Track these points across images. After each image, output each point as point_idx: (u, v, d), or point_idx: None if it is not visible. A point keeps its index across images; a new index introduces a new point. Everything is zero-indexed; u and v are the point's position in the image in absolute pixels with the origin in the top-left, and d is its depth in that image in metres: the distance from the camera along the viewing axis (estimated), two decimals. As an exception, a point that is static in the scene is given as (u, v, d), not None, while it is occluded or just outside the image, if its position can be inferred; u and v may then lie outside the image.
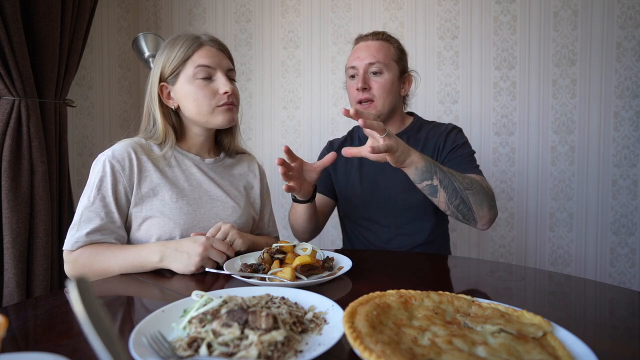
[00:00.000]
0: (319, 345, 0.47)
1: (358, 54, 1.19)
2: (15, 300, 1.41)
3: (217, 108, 0.99)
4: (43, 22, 1.51)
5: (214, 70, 0.98)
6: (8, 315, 0.62)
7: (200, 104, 0.98)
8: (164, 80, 1.00)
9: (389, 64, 1.17)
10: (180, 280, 0.81)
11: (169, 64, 0.98)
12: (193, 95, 0.97)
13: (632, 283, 1.91)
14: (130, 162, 0.94)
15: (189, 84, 0.97)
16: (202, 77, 0.97)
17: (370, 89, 1.17)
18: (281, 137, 2.24)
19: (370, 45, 1.18)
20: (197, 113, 0.99)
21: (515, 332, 0.47)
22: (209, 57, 0.98)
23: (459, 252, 2.06)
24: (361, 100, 1.18)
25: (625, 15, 1.86)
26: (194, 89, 0.97)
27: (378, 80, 1.17)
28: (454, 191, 0.94)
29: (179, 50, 0.97)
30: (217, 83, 0.99)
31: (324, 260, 0.83)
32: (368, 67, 1.17)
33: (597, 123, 1.91)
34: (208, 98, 0.98)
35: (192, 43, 0.97)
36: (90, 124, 2.03)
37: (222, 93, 0.98)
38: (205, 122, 1.01)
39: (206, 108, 0.98)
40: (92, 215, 0.90)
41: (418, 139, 1.22)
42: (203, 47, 0.98)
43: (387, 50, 1.18)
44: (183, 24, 2.29)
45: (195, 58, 0.97)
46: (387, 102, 1.18)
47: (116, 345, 0.31)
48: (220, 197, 1.04)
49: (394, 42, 1.22)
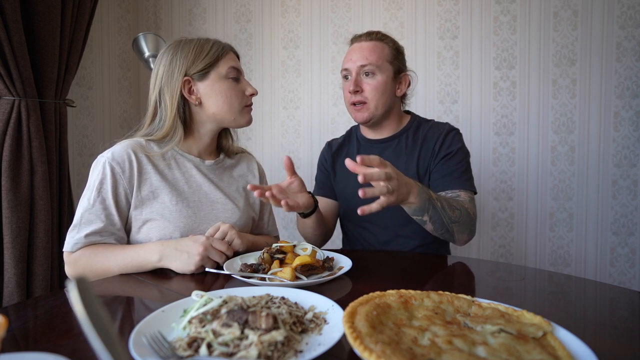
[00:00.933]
0: (319, 345, 0.47)
1: (351, 56, 1.18)
2: (15, 300, 1.41)
3: (245, 107, 1.06)
4: (43, 22, 1.51)
5: (241, 73, 1.06)
6: (8, 315, 0.62)
7: (232, 101, 1.02)
8: (189, 75, 0.99)
9: (382, 65, 1.16)
10: (180, 280, 0.81)
11: (199, 61, 0.99)
12: (225, 92, 1.01)
13: (632, 283, 1.91)
14: (130, 164, 0.94)
15: (220, 82, 1.01)
16: (233, 76, 1.03)
17: (363, 91, 1.16)
18: (281, 137, 2.24)
19: (364, 47, 1.17)
20: (227, 110, 1.02)
21: (515, 332, 0.47)
22: (236, 61, 1.06)
23: (459, 252, 2.06)
24: (354, 102, 1.17)
25: (625, 15, 1.86)
26: (226, 87, 1.01)
27: (370, 82, 1.16)
28: (441, 225, 0.98)
29: (210, 50, 1.01)
30: (243, 85, 1.05)
31: (324, 260, 0.83)
32: (360, 69, 1.16)
33: (597, 123, 1.91)
34: (239, 97, 1.04)
35: (221, 46, 1.03)
36: (90, 124, 2.03)
37: (249, 95, 1.05)
38: (233, 120, 1.05)
39: (237, 106, 1.03)
40: (92, 218, 0.90)
41: (416, 139, 1.22)
42: (229, 53, 1.05)
43: (380, 50, 1.17)
44: (183, 24, 2.29)
45: (226, 59, 1.03)
46: (381, 103, 1.17)
47: (116, 345, 0.31)
48: (219, 200, 1.04)
49: (389, 41, 1.21)
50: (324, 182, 1.35)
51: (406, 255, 1.07)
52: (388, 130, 1.25)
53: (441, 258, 1.05)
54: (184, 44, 1.01)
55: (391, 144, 1.24)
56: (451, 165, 1.14)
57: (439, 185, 1.14)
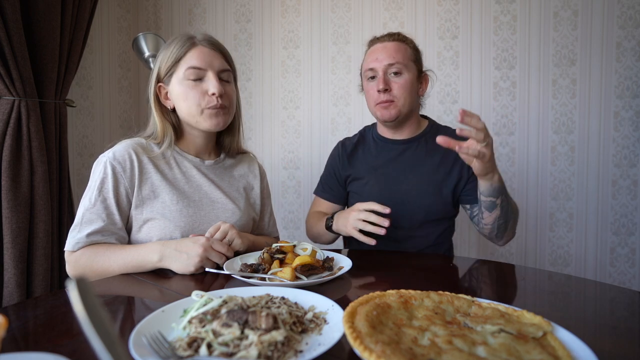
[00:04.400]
0: (319, 345, 0.47)
1: (376, 56, 1.17)
2: (15, 300, 1.41)
3: (206, 110, 0.97)
4: (43, 22, 1.51)
5: (205, 71, 0.97)
6: (8, 315, 0.62)
7: (189, 104, 0.97)
8: (161, 81, 1.00)
9: (407, 64, 1.17)
10: (180, 280, 0.81)
11: (164, 64, 0.98)
12: (183, 95, 0.97)
13: (632, 283, 1.91)
14: (131, 163, 0.95)
15: (179, 84, 0.97)
16: (192, 78, 0.96)
17: (391, 90, 1.16)
18: (281, 137, 2.24)
19: (388, 46, 1.17)
20: (187, 114, 0.99)
21: (515, 332, 0.47)
22: (201, 57, 0.96)
23: (459, 252, 2.06)
24: (382, 101, 1.17)
25: (625, 15, 1.86)
26: (184, 89, 0.97)
27: (398, 81, 1.16)
28: (505, 213, 1.02)
29: (172, 50, 0.97)
30: (206, 84, 0.97)
31: (324, 260, 0.83)
32: (387, 68, 1.15)
33: (597, 123, 1.91)
34: (197, 99, 0.96)
35: (184, 43, 0.97)
36: (90, 124, 2.03)
37: (210, 94, 0.96)
38: (196, 123, 1.00)
39: (195, 109, 0.97)
40: (93, 217, 0.90)
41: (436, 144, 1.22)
42: (195, 47, 0.97)
43: (404, 50, 1.17)
44: (183, 24, 2.29)
45: (187, 59, 0.96)
46: (408, 102, 1.17)
47: (116, 345, 0.31)
48: (220, 200, 1.04)
49: (410, 42, 1.21)
50: (331, 185, 1.33)
51: (406, 255, 1.07)
52: (408, 131, 1.25)
53: (442, 258, 1.06)
54: (164, 46, 1.01)
55: (411, 146, 1.24)
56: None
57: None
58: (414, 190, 1.19)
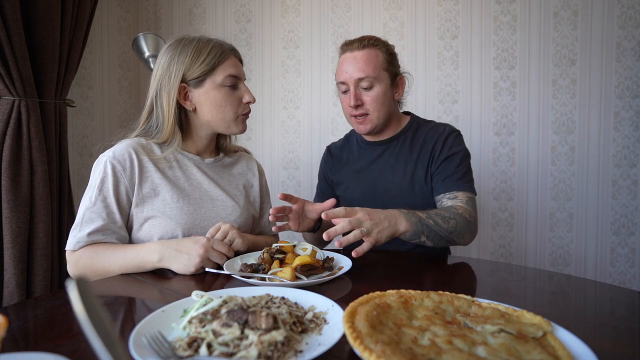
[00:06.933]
0: (319, 345, 0.47)
1: (346, 68, 1.13)
2: (15, 300, 1.41)
3: (240, 116, 1.04)
4: (43, 22, 1.51)
5: (239, 80, 1.03)
6: (8, 315, 0.62)
7: (225, 110, 1.01)
8: (185, 82, 0.99)
9: (378, 75, 1.12)
10: (180, 280, 0.81)
11: (195, 67, 0.97)
12: (220, 102, 1.00)
13: (632, 283, 1.91)
14: (131, 162, 0.95)
15: (216, 90, 0.99)
16: (229, 84, 1.00)
17: (364, 104, 1.14)
18: (281, 137, 2.24)
19: (357, 57, 1.12)
20: (220, 119, 1.01)
21: (515, 332, 0.47)
22: (236, 67, 1.02)
23: (459, 252, 2.05)
24: (356, 115, 1.16)
25: (625, 15, 1.86)
26: (221, 96, 0.99)
27: (370, 95, 1.13)
28: (439, 239, 0.98)
29: (207, 56, 0.98)
30: (241, 92, 1.03)
31: (324, 260, 0.83)
32: (358, 82, 1.12)
33: (597, 123, 1.91)
34: (234, 106, 1.02)
35: (220, 50, 1.00)
36: (90, 124, 2.03)
37: (245, 102, 1.03)
38: (226, 128, 1.03)
39: (231, 115, 1.02)
40: (93, 216, 0.91)
41: (416, 140, 1.21)
42: (230, 57, 1.01)
43: (375, 59, 1.12)
44: (183, 24, 2.29)
45: (225, 66, 0.99)
46: (382, 114, 1.16)
47: (116, 345, 0.31)
48: (220, 197, 1.05)
49: (382, 46, 1.16)
50: (325, 190, 1.35)
51: (406, 255, 1.07)
52: (388, 132, 1.25)
53: (441, 258, 1.05)
54: (183, 46, 0.99)
55: (390, 146, 1.24)
56: (451, 168, 1.14)
57: (440, 187, 1.14)
58: (393, 190, 1.19)
